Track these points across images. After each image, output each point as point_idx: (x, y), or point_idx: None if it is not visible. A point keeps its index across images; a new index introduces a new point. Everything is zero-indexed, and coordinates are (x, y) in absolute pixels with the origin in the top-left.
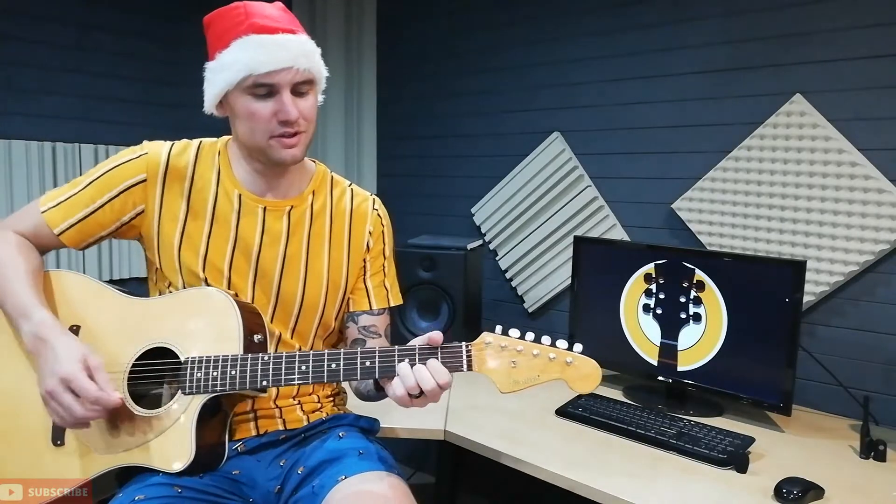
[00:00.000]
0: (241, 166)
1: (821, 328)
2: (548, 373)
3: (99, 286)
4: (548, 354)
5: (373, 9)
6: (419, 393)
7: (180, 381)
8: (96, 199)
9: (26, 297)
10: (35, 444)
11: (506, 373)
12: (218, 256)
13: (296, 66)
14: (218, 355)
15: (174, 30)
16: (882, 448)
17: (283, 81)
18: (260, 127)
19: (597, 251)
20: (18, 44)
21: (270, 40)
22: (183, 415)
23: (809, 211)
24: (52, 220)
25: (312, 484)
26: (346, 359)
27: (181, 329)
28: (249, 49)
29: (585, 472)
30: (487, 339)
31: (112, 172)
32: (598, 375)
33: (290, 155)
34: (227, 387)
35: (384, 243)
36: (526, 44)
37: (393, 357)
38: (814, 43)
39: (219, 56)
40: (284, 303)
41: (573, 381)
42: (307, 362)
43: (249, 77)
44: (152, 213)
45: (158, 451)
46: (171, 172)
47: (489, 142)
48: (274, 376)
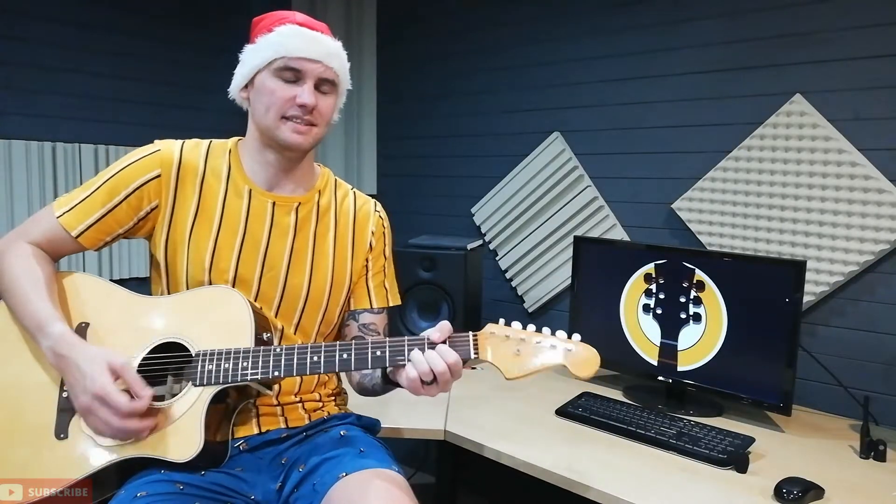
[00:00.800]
0: (252, 160)
1: (821, 328)
2: (550, 359)
3: (108, 285)
4: (549, 343)
5: (373, 9)
6: (432, 379)
7: (190, 374)
8: (113, 197)
9: (42, 310)
10: (39, 437)
11: (510, 359)
12: (226, 249)
13: (326, 62)
14: (230, 348)
15: (174, 30)
16: (882, 448)
17: (310, 71)
18: (276, 104)
19: (597, 251)
20: (18, 44)
21: (310, 34)
22: (193, 405)
23: (809, 211)
24: (68, 224)
25: (313, 482)
26: (357, 349)
27: (191, 325)
28: (290, 35)
29: (585, 472)
30: (492, 329)
31: (126, 170)
32: (597, 360)
33: (296, 140)
34: (239, 378)
35: (385, 244)
36: (526, 44)
37: (403, 346)
38: (814, 43)
39: (259, 39)
40: (290, 297)
41: (574, 366)
42: (319, 353)
43: (282, 58)
44: (165, 208)
45: (167, 442)
46: (183, 168)
47: (489, 142)
48: (286, 367)
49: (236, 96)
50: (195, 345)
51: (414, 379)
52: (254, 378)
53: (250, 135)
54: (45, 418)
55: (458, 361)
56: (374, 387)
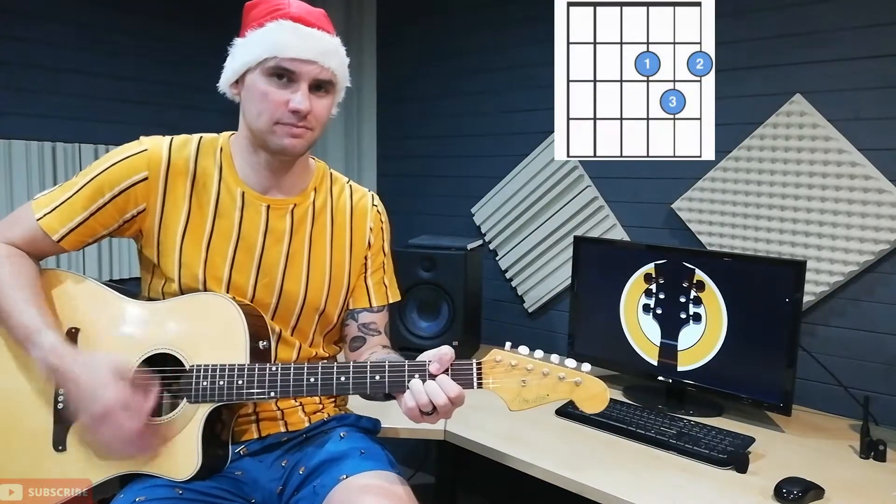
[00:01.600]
0: (245, 161)
1: (821, 328)
2: (557, 392)
3: (98, 287)
4: (557, 374)
5: (373, 9)
6: (431, 410)
7: (185, 389)
8: (96, 200)
9: (29, 319)
10: (36, 449)
11: (516, 391)
12: (219, 254)
13: (321, 62)
14: (224, 364)
15: (174, 30)
16: (882, 448)
17: (304, 72)
18: (269, 110)
19: (597, 251)
20: (18, 44)
21: (305, 30)
22: (189, 423)
23: (809, 211)
24: (49, 227)
25: (313, 484)
26: (355, 372)
27: (185, 335)
28: (282, 32)
29: (585, 472)
30: (497, 356)
31: (111, 170)
32: (606, 396)
33: (291, 144)
34: (234, 397)
35: (383, 239)
36: (526, 44)
37: (403, 371)
38: (814, 43)
39: (249, 33)
40: (286, 301)
41: (581, 401)
42: (316, 374)
43: (274, 58)
44: (154, 211)
45: (164, 460)
46: (173, 169)
47: (489, 142)
48: (282, 388)
49: (226, 90)
50: (189, 357)
51: (413, 409)
52: (249, 398)
53: (242, 133)
54: (42, 430)
55: (460, 395)
56: (376, 396)
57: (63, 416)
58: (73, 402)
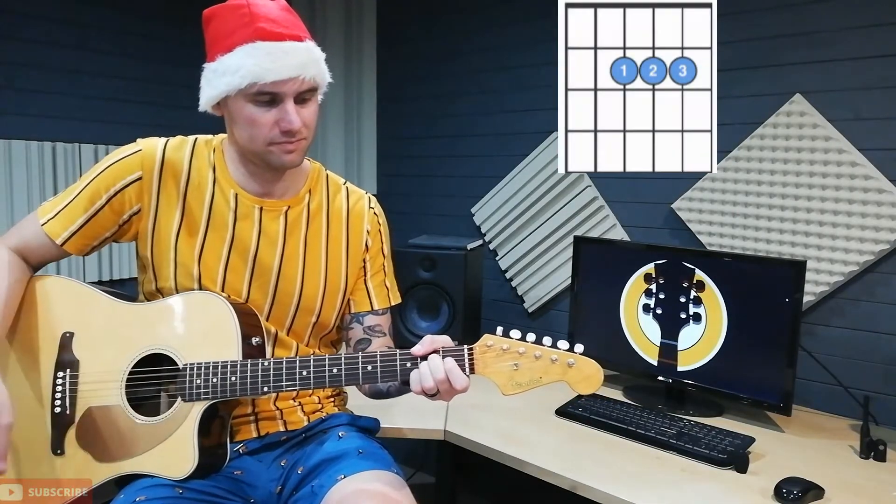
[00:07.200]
0: (237, 166)
1: (821, 328)
2: (550, 375)
3: (91, 291)
4: (550, 356)
5: (373, 9)
6: (435, 391)
7: (179, 388)
8: (95, 202)
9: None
10: (35, 453)
11: (508, 375)
12: (214, 255)
13: (302, 75)
14: (217, 361)
15: (174, 30)
16: (882, 448)
17: (288, 91)
18: (260, 134)
19: (597, 251)
20: (18, 44)
21: (278, 48)
22: (184, 422)
23: (809, 211)
24: (53, 231)
25: (312, 484)
26: (347, 363)
27: (177, 334)
28: (256, 56)
29: (585, 472)
30: (489, 341)
31: (107, 172)
32: (600, 377)
33: (289, 160)
34: (228, 393)
35: (382, 241)
36: (526, 44)
37: (395, 360)
38: (814, 43)
39: (221, 59)
40: (281, 302)
41: (575, 383)
42: (308, 367)
43: (255, 85)
44: (148, 211)
45: (161, 460)
46: (166, 169)
47: (489, 142)
48: (275, 382)
49: (207, 110)
50: (182, 356)
51: (418, 392)
52: (242, 394)
53: (232, 145)
54: (41, 434)
55: (445, 379)
56: (390, 389)
57: (60, 419)
58: None
